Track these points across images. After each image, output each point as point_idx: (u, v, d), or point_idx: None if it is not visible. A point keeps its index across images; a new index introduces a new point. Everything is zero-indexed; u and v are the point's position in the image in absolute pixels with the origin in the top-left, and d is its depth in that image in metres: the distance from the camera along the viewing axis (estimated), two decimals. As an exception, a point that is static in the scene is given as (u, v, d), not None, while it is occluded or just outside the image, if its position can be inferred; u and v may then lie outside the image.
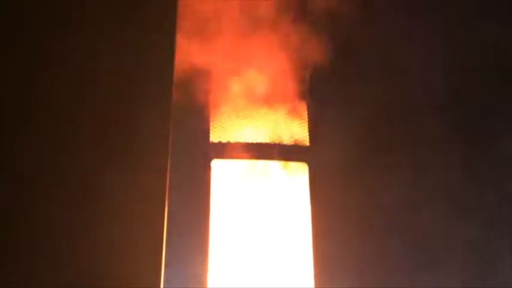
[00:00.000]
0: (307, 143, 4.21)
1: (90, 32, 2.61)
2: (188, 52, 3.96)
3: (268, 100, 4.22)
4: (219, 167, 4.16)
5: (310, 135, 4.21)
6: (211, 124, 4.23)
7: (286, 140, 4.23)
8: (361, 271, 3.96)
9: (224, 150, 4.19)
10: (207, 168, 4.12)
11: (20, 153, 2.54)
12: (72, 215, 2.60)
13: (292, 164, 4.20)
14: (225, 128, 4.23)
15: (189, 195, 3.95)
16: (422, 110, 4.19)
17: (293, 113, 4.26)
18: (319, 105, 4.22)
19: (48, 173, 2.59)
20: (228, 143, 4.19)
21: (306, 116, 4.25)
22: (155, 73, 2.71)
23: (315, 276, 3.96)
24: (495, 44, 4.22)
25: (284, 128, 4.24)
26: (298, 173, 4.19)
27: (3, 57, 2.54)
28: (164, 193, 2.72)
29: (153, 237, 2.67)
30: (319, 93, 4.23)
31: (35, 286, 2.47)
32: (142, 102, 2.73)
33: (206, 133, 4.20)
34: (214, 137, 4.21)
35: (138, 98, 2.73)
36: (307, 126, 4.24)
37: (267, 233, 4.07)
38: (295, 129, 4.25)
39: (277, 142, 4.21)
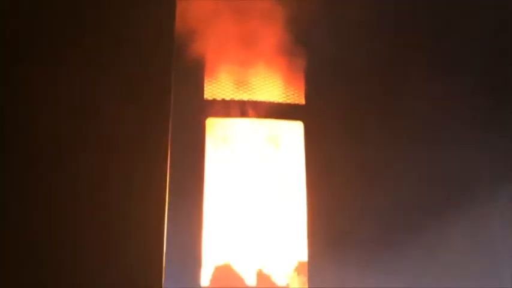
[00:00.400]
0: (303, 102, 4.19)
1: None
2: (185, 11, 3.90)
3: (264, 58, 4.18)
4: (213, 125, 4.14)
5: (306, 94, 4.18)
6: (205, 81, 4.18)
7: (282, 98, 4.20)
8: (355, 226, 3.96)
9: (219, 108, 4.15)
10: (201, 126, 4.09)
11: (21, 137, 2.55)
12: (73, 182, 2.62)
13: (288, 123, 4.18)
14: (219, 86, 4.19)
15: (183, 153, 3.92)
16: (419, 66, 4.15)
17: (289, 71, 4.22)
18: (315, 64, 4.18)
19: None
20: (223, 101, 4.16)
21: (303, 74, 4.22)
22: (156, 47, 2.72)
23: (308, 231, 3.98)
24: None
25: (280, 87, 4.21)
26: (294, 132, 4.17)
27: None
28: (166, 163, 2.73)
29: (155, 199, 2.68)
30: (316, 52, 4.18)
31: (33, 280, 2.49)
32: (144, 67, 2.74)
33: (200, 90, 4.16)
34: (209, 94, 4.18)
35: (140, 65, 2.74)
36: (303, 85, 4.21)
37: (262, 191, 4.07)
38: (291, 88, 4.22)
39: (272, 100, 4.18)
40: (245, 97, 4.17)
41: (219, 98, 4.16)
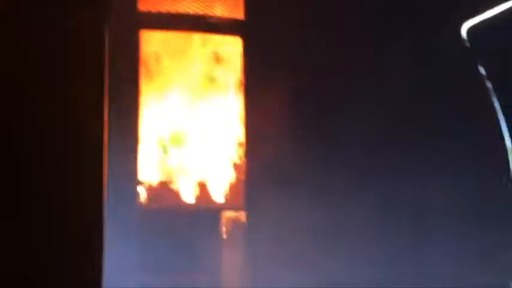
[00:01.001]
0: (242, 17, 4.05)
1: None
2: None
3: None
4: (148, 39, 3.97)
5: (245, 9, 4.05)
6: (139, -8, 3.99)
7: (220, 12, 4.06)
8: (295, 145, 3.91)
9: (154, 20, 3.98)
10: (135, 40, 3.92)
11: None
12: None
13: (226, 38, 4.06)
14: (155, -3, 4.00)
15: (117, 68, 3.73)
16: None
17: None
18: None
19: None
20: (159, 13, 3.98)
21: (242, -12, 4.08)
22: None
23: (247, 149, 3.93)
24: None
25: (219, 1, 4.06)
26: (232, 47, 4.05)
27: None
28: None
29: (93, 116, 2.57)
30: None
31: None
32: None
33: (134, 1, 3.96)
34: (143, 5, 3.98)
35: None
36: (242, -1, 4.07)
37: (199, 107, 3.97)
38: (231, 2, 4.07)
39: (211, 14, 4.03)
40: (181, 10, 4.01)
41: (154, 10, 3.98)
